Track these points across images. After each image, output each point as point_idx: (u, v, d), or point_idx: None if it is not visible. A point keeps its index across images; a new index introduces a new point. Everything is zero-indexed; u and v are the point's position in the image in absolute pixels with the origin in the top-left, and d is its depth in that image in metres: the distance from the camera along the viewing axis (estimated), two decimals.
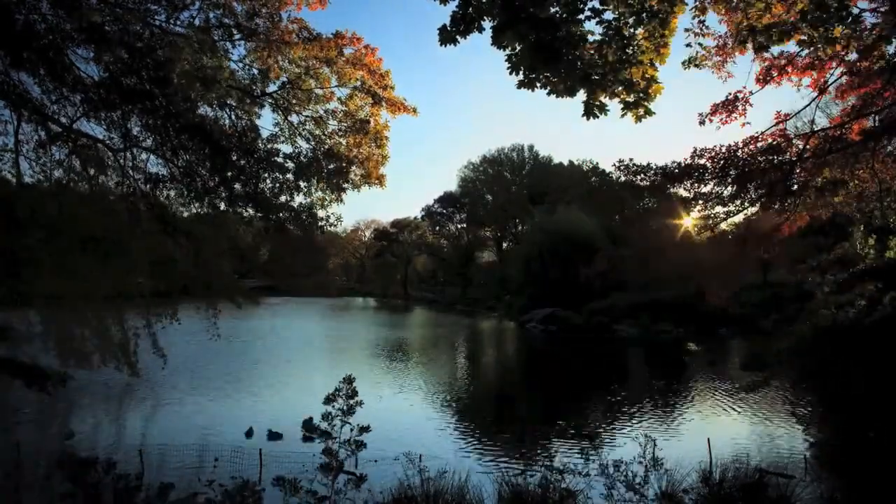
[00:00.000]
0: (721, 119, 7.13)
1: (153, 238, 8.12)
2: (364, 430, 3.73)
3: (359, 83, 7.90)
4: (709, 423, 15.58)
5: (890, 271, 7.55)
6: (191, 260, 8.45)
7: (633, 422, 15.57)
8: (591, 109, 5.17)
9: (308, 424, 3.73)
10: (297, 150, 8.22)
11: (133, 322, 9.53)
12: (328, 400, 3.85)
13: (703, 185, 7.08)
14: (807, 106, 8.46)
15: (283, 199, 8.31)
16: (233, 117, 8.26)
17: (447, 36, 5.00)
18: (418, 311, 68.36)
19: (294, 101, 8.08)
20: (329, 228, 8.62)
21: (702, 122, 7.23)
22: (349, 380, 3.87)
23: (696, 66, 6.62)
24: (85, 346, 10.27)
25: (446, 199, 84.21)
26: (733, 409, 17.17)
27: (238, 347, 29.79)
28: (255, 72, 7.92)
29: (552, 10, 4.94)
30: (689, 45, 6.42)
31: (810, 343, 7.76)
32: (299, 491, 3.60)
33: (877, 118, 7.11)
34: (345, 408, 3.81)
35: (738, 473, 8.77)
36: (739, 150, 6.93)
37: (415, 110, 8.06)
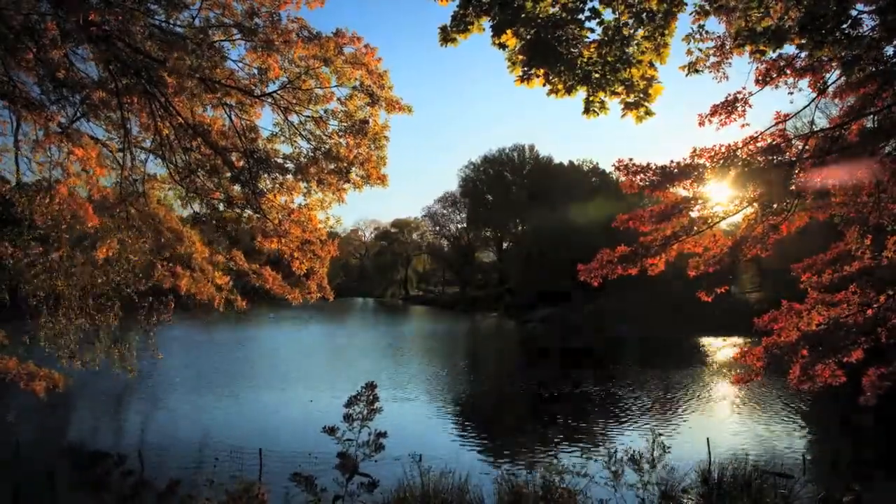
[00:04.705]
0: (721, 120, 7.11)
1: (150, 239, 8.11)
2: (381, 435, 3.75)
3: (358, 83, 7.89)
4: (708, 422, 15.60)
5: (885, 271, 7.57)
6: (186, 262, 8.42)
7: (632, 422, 15.57)
8: (591, 107, 5.18)
9: (329, 428, 3.72)
10: (297, 150, 8.21)
11: (130, 322, 9.52)
12: (349, 403, 3.87)
13: (702, 185, 7.07)
14: (806, 106, 8.46)
15: (282, 200, 8.29)
16: (232, 117, 8.25)
17: (447, 35, 5.01)
18: (418, 311, 68.39)
19: (294, 101, 8.06)
20: (328, 230, 8.60)
21: (701, 123, 7.22)
22: (371, 386, 3.92)
23: (696, 70, 6.60)
24: (83, 346, 10.24)
25: (447, 200, 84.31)
26: (732, 407, 17.19)
27: (236, 353, 29.79)
28: (255, 71, 7.90)
29: (552, 10, 4.94)
30: (689, 51, 6.41)
31: (803, 340, 7.77)
32: (314, 488, 3.60)
33: (875, 119, 7.12)
34: (365, 412, 3.84)
35: (736, 473, 8.79)
36: (739, 151, 6.92)
37: (409, 109, 8.08)
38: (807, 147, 7.02)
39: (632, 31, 4.99)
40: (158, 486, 4.01)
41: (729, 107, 7.03)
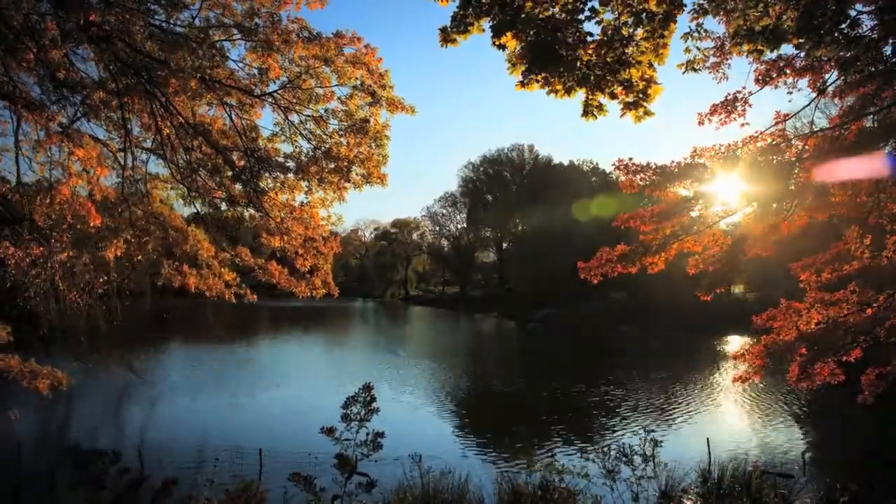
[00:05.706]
0: (720, 119, 7.12)
1: (155, 238, 8.11)
2: (379, 435, 3.79)
3: (358, 82, 7.89)
4: (707, 422, 15.61)
5: (884, 271, 7.58)
6: (192, 260, 8.42)
7: (632, 421, 15.58)
8: (590, 110, 5.18)
9: (327, 428, 3.78)
10: (297, 150, 8.22)
11: (132, 321, 9.54)
12: (346, 404, 3.91)
13: (702, 185, 7.08)
14: (805, 106, 8.46)
15: (283, 198, 8.30)
16: (232, 116, 8.26)
17: (447, 36, 5.02)
18: (418, 311, 68.35)
19: (294, 101, 8.06)
20: (330, 228, 8.62)
21: (701, 123, 7.23)
22: (368, 387, 3.97)
23: (693, 69, 6.60)
24: (84, 345, 10.25)
25: (447, 200, 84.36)
26: (732, 407, 17.20)
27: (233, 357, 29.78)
28: (255, 71, 7.91)
29: (551, 10, 4.95)
30: (687, 50, 6.41)
31: (802, 340, 7.78)
32: (313, 488, 3.64)
33: (875, 119, 7.13)
34: (362, 413, 3.89)
35: (736, 473, 8.79)
36: (739, 150, 6.93)
37: (412, 109, 8.07)
38: (806, 147, 7.03)
39: (631, 31, 4.99)
40: (155, 484, 4.04)
41: (729, 106, 7.05)
